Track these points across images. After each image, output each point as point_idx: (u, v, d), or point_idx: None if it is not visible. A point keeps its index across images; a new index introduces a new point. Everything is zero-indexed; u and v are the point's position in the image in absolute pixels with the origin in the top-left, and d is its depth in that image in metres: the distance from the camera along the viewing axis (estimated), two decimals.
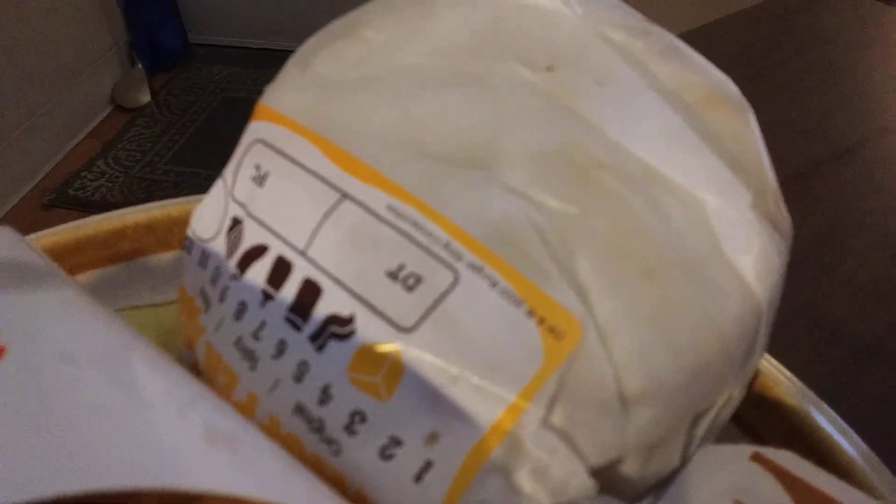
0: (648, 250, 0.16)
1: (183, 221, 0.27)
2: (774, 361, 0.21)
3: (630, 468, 0.15)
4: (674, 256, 0.16)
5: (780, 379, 0.20)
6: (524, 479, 0.14)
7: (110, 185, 1.75)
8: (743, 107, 0.19)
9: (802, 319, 0.27)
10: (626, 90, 0.19)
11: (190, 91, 2.05)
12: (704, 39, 0.48)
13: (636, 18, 0.20)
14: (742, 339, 0.16)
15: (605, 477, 0.15)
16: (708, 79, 0.20)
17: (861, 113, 0.36)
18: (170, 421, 0.13)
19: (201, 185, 1.72)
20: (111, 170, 1.81)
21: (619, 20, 0.20)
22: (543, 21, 0.20)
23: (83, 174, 1.79)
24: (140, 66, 2.05)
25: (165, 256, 0.27)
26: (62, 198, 1.73)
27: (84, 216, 0.27)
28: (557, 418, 0.14)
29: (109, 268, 0.26)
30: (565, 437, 0.14)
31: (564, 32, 0.20)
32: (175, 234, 0.27)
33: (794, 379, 0.20)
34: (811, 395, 0.20)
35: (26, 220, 1.69)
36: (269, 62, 2.14)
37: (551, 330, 0.14)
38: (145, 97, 2.00)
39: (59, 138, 1.84)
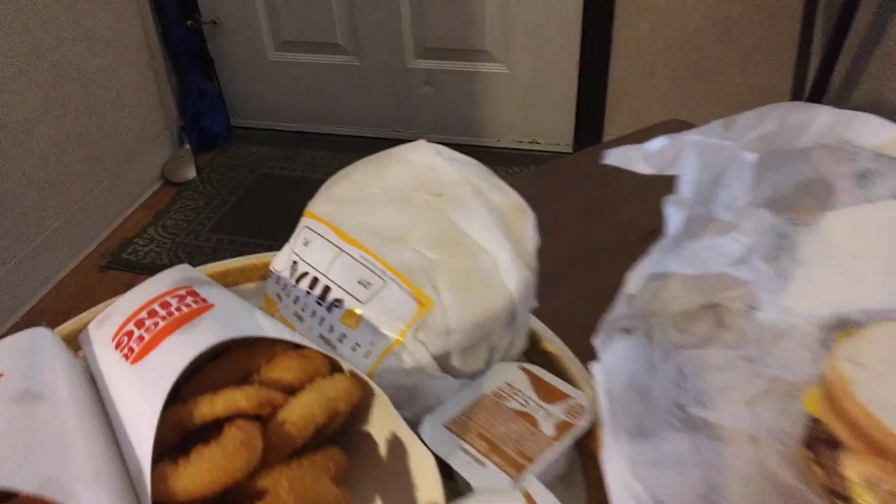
0: (468, 276, 0.39)
1: (257, 267, 0.50)
2: (549, 331, 0.43)
3: (456, 361, 0.37)
4: (479, 279, 0.39)
5: (547, 334, 0.43)
6: (405, 356, 0.36)
7: (159, 250, 2.01)
8: (528, 213, 0.42)
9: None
10: (473, 206, 0.42)
11: (230, 168, 2.32)
12: (548, 171, 0.67)
13: (482, 170, 0.43)
14: (505, 313, 0.38)
15: (444, 363, 0.37)
16: (514, 200, 0.43)
17: (609, 227, 0.56)
18: (266, 319, 0.35)
19: (237, 251, 1.96)
20: (160, 237, 2.06)
21: (474, 172, 0.43)
22: (437, 172, 0.43)
23: (136, 240, 2.05)
24: (187, 145, 2.33)
25: (249, 285, 0.50)
26: (117, 260, 1.98)
27: (136, 277, 0.49)
28: (419, 335, 0.36)
29: None
30: (422, 342, 0.36)
31: (447, 177, 0.43)
32: (254, 273, 0.50)
33: (556, 339, 0.42)
34: (560, 343, 0.42)
35: (86, 279, 1.94)
36: (300, 143, 2.42)
37: (420, 303, 0.37)
38: (191, 173, 2.28)
39: (116, 208, 2.11)
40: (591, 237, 0.51)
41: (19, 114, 1.75)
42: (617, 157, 0.38)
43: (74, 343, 0.40)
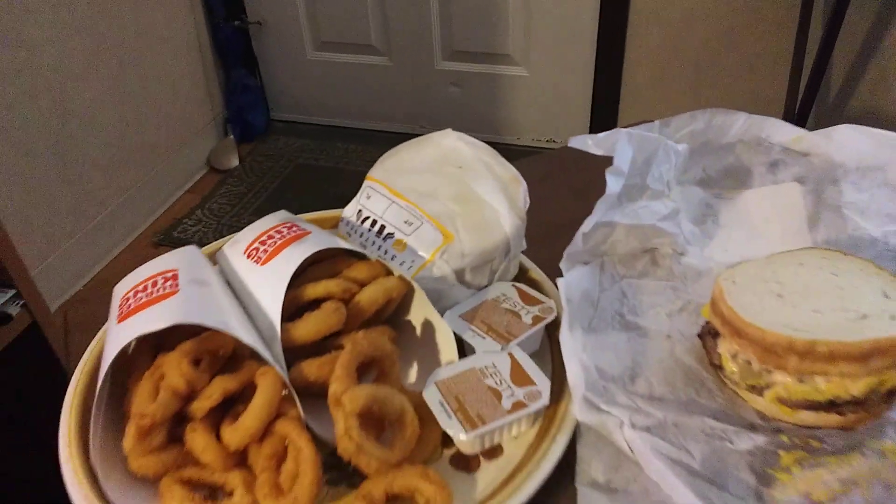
0: (478, 220, 0.57)
1: (328, 219, 0.69)
2: (534, 264, 0.61)
3: (468, 277, 0.56)
4: (485, 223, 0.57)
5: (532, 267, 0.61)
6: (434, 270, 0.55)
7: (205, 230, 2.21)
8: (521, 182, 0.61)
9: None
10: (483, 176, 0.60)
11: (270, 158, 2.52)
12: (544, 159, 0.86)
13: (491, 151, 0.62)
14: (503, 247, 0.57)
15: (460, 277, 0.56)
16: (512, 172, 0.61)
17: (586, 200, 0.72)
18: (345, 242, 0.55)
19: None
20: (206, 218, 2.26)
21: (485, 152, 0.62)
22: (458, 151, 0.62)
23: (184, 221, 2.26)
24: (231, 136, 2.54)
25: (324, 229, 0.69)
26: (168, 238, 2.19)
27: None
28: (444, 257, 0.55)
29: None
30: (446, 262, 0.55)
31: (466, 155, 0.61)
32: (326, 224, 0.69)
33: (538, 270, 0.61)
34: (541, 272, 0.60)
35: (140, 255, 2.14)
36: (334, 136, 2.62)
37: (445, 236, 0.56)
38: (234, 161, 2.48)
39: (166, 191, 2.32)
40: (572, 207, 0.69)
41: (86, 102, 1.95)
42: (578, 142, 0.56)
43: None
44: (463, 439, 0.47)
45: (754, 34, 2.05)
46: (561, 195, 0.74)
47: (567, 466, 0.48)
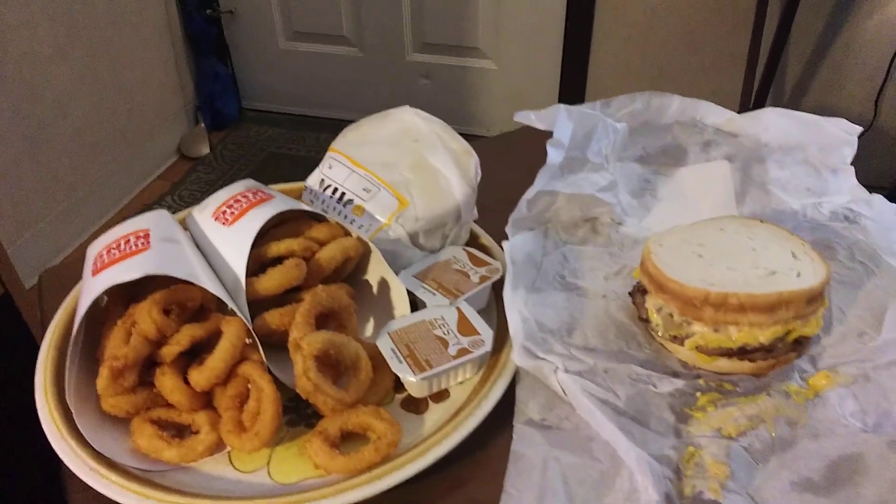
0: (432, 188, 0.62)
1: (293, 191, 0.73)
2: (484, 231, 0.66)
3: (422, 240, 0.61)
4: (438, 191, 0.62)
5: (483, 234, 0.66)
6: (390, 233, 0.59)
7: None
8: (472, 155, 0.65)
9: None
10: (437, 148, 0.65)
11: (241, 146, 2.54)
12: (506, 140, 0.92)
13: (444, 126, 0.67)
14: (454, 213, 0.62)
15: (414, 240, 0.61)
16: (464, 146, 0.66)
17: (531, 175, 0.77)
18: (307, 206, 0.59)
19: None
20: (176, 205, 2.28)
21: (440, 127, 0.67)
22: (415, 126, 0.66)
23: (154, 207, 2.27)
24: (202, 124, 2.55)
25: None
26: None
27: None
28: (399, 220, 0.60)
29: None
30: (401, 225, 0.60)
31: (422, 129, 0.66)
32: (291, 193, 0.73)
33: (488, 237, 0.66)
34: (490, 238, 0.65)
35: None
36: (305, 126, 2.64)
37: (400, 202, 0.60)
38: (205, 149, 2.49)
39: (136, 178, 2.33)
40: (523, 183, 0.74)
41: (57, 88, 1.96)
42: (522, 116, 0.61)
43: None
44: (412, 381, 0.52)
45: (713, 34, 2.13)
46: (514, 172, 0.79)
47: (507, 407, 0.53)
